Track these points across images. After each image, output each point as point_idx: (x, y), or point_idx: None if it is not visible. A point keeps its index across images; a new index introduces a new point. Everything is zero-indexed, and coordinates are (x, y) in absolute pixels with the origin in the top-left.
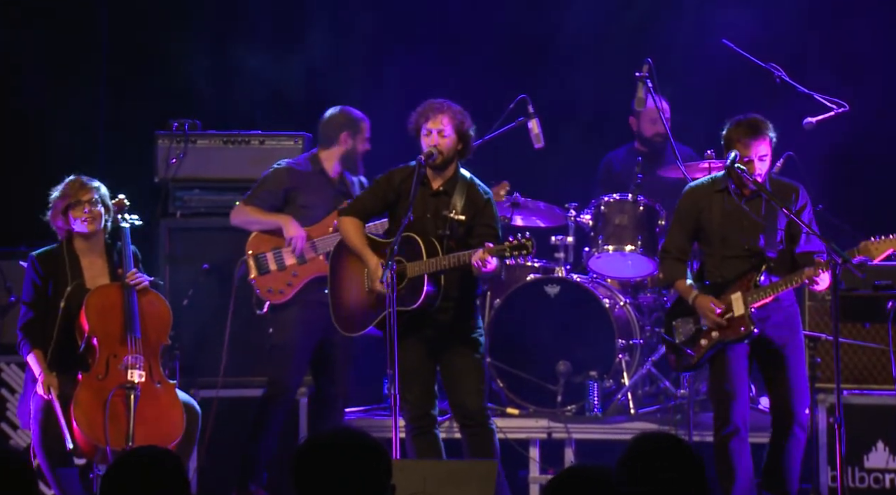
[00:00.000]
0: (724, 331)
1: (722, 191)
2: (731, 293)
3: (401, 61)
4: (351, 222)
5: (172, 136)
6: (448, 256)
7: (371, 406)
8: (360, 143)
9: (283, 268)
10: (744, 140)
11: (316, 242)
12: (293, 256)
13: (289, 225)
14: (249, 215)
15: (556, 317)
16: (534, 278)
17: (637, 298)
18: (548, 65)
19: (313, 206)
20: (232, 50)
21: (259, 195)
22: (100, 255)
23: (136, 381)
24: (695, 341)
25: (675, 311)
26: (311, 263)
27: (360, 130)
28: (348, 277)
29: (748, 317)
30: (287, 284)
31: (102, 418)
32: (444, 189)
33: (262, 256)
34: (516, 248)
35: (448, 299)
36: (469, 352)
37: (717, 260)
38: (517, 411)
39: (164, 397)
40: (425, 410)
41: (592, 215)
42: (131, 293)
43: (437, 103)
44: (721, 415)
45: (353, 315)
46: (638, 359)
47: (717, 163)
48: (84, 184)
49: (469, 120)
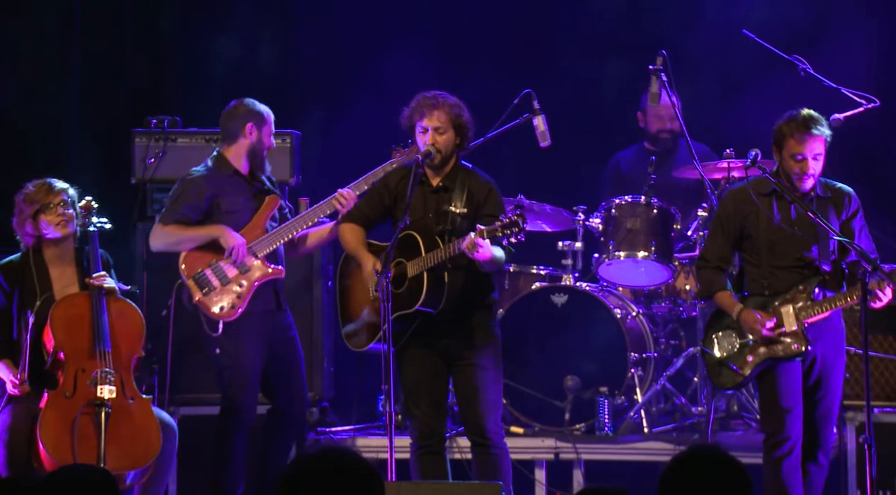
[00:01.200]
0: (773, 348)
1: (770, 194)
2: (781, 306)
3: (397, 54)
4: (349, 228)
5: (150, 134)
6: (445, 246)
7: (365, 424)
8: (265, 137)
9: (227, 282)
10: (797, 136)
11: (252, 246)
12: (234, 267)
13: (225, 234)
14: (176, 235)
15: (564, 328)
16: (539, 287)
17: (651, 308)
18: (555, 57)
19: (238, 210)
20: (214, 43)
21: (178, 211)
22: (70, 264)
23: (107, 397)
24: (740, 357)
25: (715, 324)
26: (254, 269)
27: (266, 122)
28: (354, 290)
29: (801, 334)
30: (237, 297)
31: (70, 439)
32: (444, 184)
33: (201, 275)
34: (507, 227)
35: (456, 301)
36: (484, 364)
37: (763, 270)
38: (522, 430)
39: (138, 414)
40: (433, 428)
41: (602, 219)
42: (100, 302)
43: (431, 97)
44: (777, 432)
45: (360, 329)
46: (652, 374)
47: (737, 162)
48: (52, 187)
49: (466, 111)
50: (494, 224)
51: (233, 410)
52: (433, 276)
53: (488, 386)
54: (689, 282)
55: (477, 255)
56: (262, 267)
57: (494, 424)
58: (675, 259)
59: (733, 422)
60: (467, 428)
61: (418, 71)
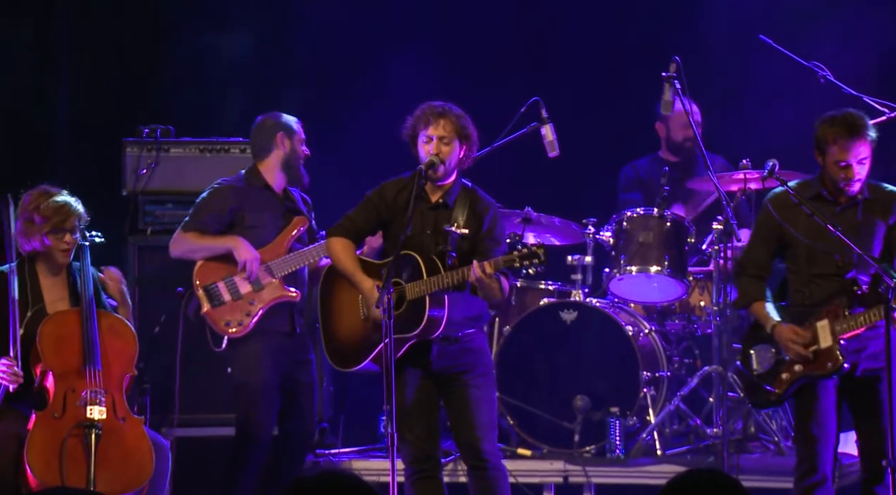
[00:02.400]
0: (809, 365)
1: (812, 199)
2: (816, 320)
3: (397, 58)
4: (340, 243)
5: (142, 144)
6: (451, 272)
7: (366, 446)
8: (297, 145)
9: (239, 298)
10: (840, 141)
11: (271, 265)
12: (248, 283)
13: (240, 247)
14: (192, 242)
15: (573, 346)
16: (548, 303)
17: (664, 325)
18: (564, 63)
19: (262, 226)
20: (210, 48)
21: (201, 220)
22: (61, 277)
23: (97, 418)
24: (775, 374)
25: (753, 337)
26: (269, 289)
27: (295, 132)
28: (341, 305)
29: (837, 351)
30: (246, 314)
31: (59, 461)
32: (444, 201)
33: (212, 287)
34: (526, 258)
35: (452, 324)
36: (477, 384)
37: (803, 279)
38: (529, 452)
39: (130, 436)
40: (428, 452)
41: (613, 232)
42: (91, 320)
43: (437, 106)
44: (806, 461)
45: (347, 348)
46: (665, 394)
47: (754, 173)
48: (73, 210)
49: (472, 125)
50: (512, 254)
51: (247, 429)
52: (434, 301)
53: (483, 406)
54: (704, 297)
55: (484, 287)
56: (278, 287)
57: (491, 445)
58: (689, 274)
59: (751, 445)
60: (463, 450)
61: (418, 76)
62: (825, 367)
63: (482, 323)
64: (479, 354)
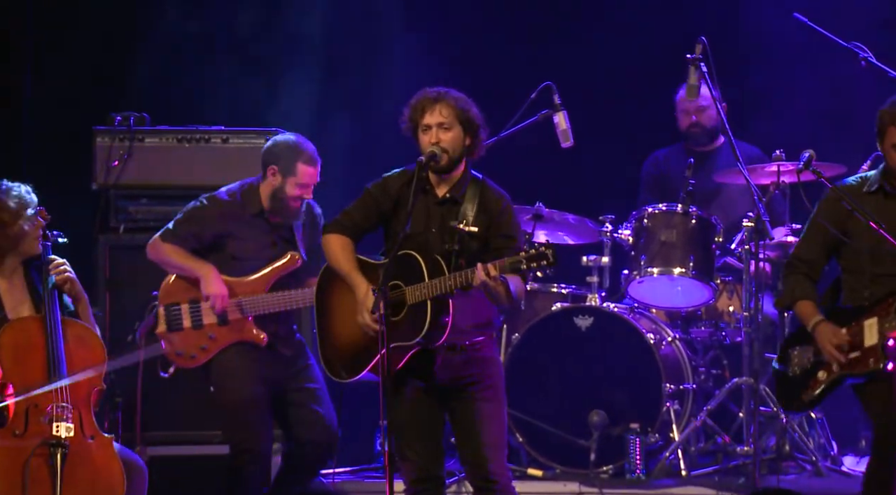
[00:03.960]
0: (849, 364)
1: (874, 192)
2: (865, 319)
3: (396, 42)
4: (337, 240)
5: (114, 133)
6: (454, 274)
7: (361, 466)
8: (291, 188)
9: (200, 327)
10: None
11: (243, 302)
12: (213, 314)
13: (209, 279)
14: (167, 256)
15: (589, 355)
16: (561, 308)
17: (689, 333)
18: (579, 44)
19: (245, 258)
20: (188, 28)
21: (180, 233)
22: (20, 279)
23: (63, 436)
24: (812, 375)
25: (796, 338)
26: (234, 326)
27: (294, 173)
28: (339, 310)
29: (881, 349)
30: (200, 348)
31: (21, 483)
32: (452, 195)
33: (174, 308)
34: (533, 259)
35: (458, 332)
36: (486, 397)
37: (864, 278)
38: (541, 472)
39: (99, 454)
40: (430, 471)
41: (633, 230)
42: (55, 327)
43: (433, 91)
44: None
45: (345, 357)
46: (690, 409)
47: (789, 165)
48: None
49: (476, 109)
50: (518, 254)
51: (239, 443)
52: (437, 305)
53: (491, 422)
54: (733, 302)
55: (490, 291)
56: (243, 327)
57: (499, 465)
58: (716, 276)
59: (785, 465)
60: (468, 470)
61: (419, 62)
62: (866, 366)
63: (492, 330)
64: (487, 364)
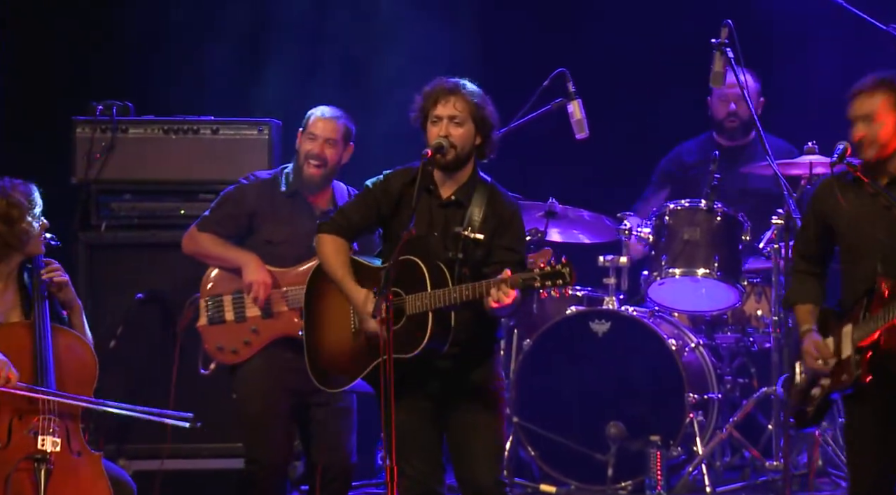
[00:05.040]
0: (832, 378)
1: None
2: (843, 326)
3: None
4: (332, 242)
5: (96, 124)
6: (461, 287)
7: (360, 481)
8: (304, 144)
9: (243, 320)
10: None
11: (288, 293)
12: (257, 307)
13: (250, 266)
14: (205, 247)
15: (606, 362)
16: (576, 311)
17: (714, 339)
18: (595, 25)
19: (282, 242)
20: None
21: (217, 219)
22: (12, 283)
23: (49, 450)
24: (808, 390)
25: None
26: (279, 319)
27: (307, 126)
28: (328, 314)
29: (853, 361)
30: (244, 343)
31: None
32: (457, 198)
33: (217, 299)
34: (548, 277)
35: (458, 343)
36: (482, 409)
37: (848, 276)
38: (554, 488)
39: (86, 471)
40: (429, 486)
41: (654, 228)
42: (44, 334)
43: (449, 83)
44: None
45: (334, 365)
46: (715, 420)
47: (821, 158)
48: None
49: (491, 107)
50: (532, 271)
51: (251, 466)
52: (439, 317)
53: (489, 435)
54: (762, 305)
55: (496, 307)
56: (289, 320)
57: (496, 483)
58: (743, 278)
59: (818, 481)
60: (464, 488)
61: (425, 45)
62: (839, 381)
63: (493, 342)
64: (487, 376)
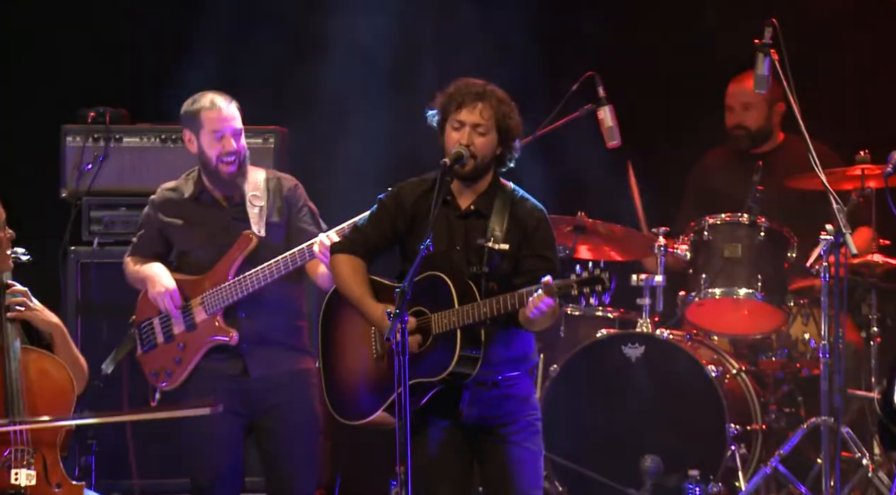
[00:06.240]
0: None
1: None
2: None
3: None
4: (347, 262)
5: (88, 131)
6: (490, 300)
7: None
8: (206, 144)
9: (171, 339)
10: None
11: (205, 299)
12: (181, 322)
13: (152, 279)
14: (126, 273)
15: (640, 390)
16: (607, 335)
17: (757, 364)
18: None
19: (197, 248)
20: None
21: (138, 242)
22: None
23: (24, 484)
24: None
25: None
26: (203, 327)
27: (201, 125)
28: (348, 340)
29: None
30: (175, 362)
31: None
32: (477, 208)
33: (147, 325)
34: (586, 283)
35: (490, 365)
36: (519, 440)
37: None
38: None
39: None
40: None
41: (691, 244)
42: (11, 358)
43: (475, 85)
44: None
45: (355, 395)
46: (759, 453)
47: (874, 168)
48: None
49: (517, 114)
50: (569, 279)
51: (195, 484)
52: (468, 335)
53: (526, 468)
54: (809, 328)
55: (534, 318)
56: (211, 326)
57: None
58: (789, 298)
59: None
60: None
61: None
62: None
63: (528, 364)
64: (522, 402)
